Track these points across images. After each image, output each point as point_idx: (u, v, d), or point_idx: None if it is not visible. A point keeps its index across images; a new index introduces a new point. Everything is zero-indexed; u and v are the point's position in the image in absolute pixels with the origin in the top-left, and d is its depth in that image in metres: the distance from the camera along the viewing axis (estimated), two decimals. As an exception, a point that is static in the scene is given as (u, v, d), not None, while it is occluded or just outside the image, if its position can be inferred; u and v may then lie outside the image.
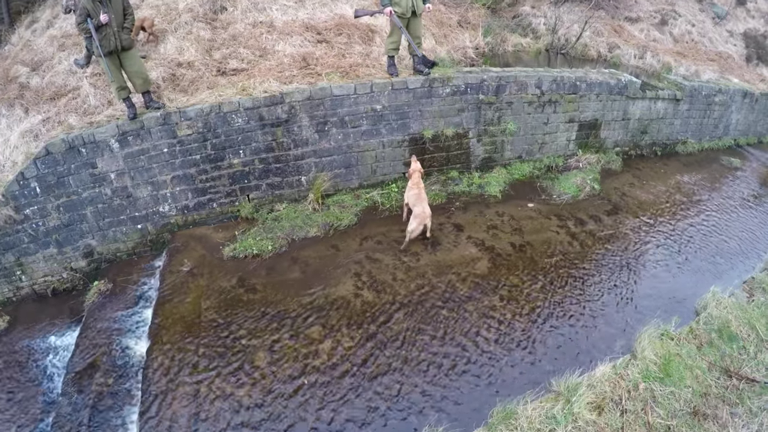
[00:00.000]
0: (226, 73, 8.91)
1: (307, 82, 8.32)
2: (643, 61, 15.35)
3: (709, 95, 13.39)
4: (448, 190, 9.24)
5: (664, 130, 12.51)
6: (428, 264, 7.41)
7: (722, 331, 3.96)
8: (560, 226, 8.69)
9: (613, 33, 17.16)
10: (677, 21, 20.62)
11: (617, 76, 10.78)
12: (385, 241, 7.90)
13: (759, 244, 9.12)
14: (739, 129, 15.89)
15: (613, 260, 7.98)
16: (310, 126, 8.20)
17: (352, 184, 8.95)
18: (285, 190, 8.56)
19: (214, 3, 10.77)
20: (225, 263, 7.45)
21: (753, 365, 3.68)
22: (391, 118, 8.65)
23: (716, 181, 12.06)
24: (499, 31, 14.70)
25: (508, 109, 9.48)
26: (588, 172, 10.36)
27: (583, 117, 10.43)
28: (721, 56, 19.82)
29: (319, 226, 8.13)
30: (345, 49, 10.00)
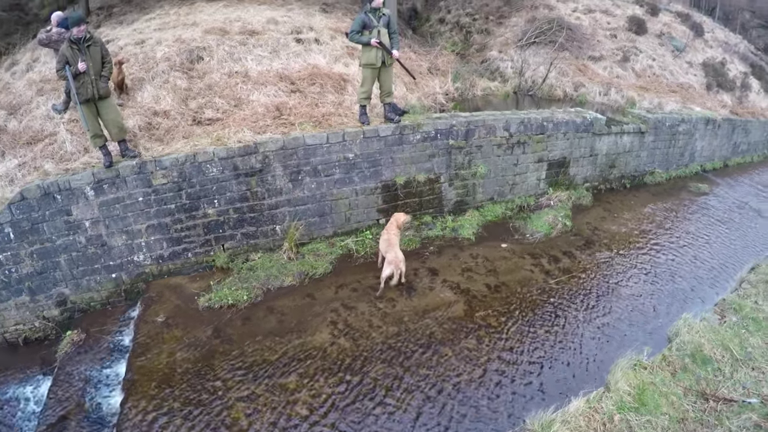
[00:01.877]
0: (201, 123, 9.01)
1: (281, 132, 8.43)
2: (608, 98, 15.80)
3: (673, 125, 13.75)
4: (422, 235, 9.33)
5: (631, 162, 12.80)
6: (404, 309, 7.43)
7: (695, 356, 4.02)
8: (534, 265, 8.81)
9: (578, 72, 17.62)
10: (639, 57, 21.28)
11: (583, 114, 11.07)
12: (360, 288, 7.91)
13: (729, 266, 9.31)
14: (704, 155, 16.29)
15: (587, 295, 8.11)
16: (283, 175, 8.28)
17: (327, 232, 9.00)
18: (260, 240, 8.57)
19: (191, 53, 10.94)
20: (200, 314, 7.38)
21: (729, 385, 3.75)
22: (364, 165, 8.76)
23: (685, 208, 12.36)
24: (468, 76, 15.03)
25: (477, 153, 9.66)
26: (559, 210, 10.54)
27: (552, 156, 10.67)
28: (683, 87, 20.46)
29: (295, 275, 8.14)
30: (318, 98, 10.18)
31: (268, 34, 12.48)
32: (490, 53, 18.97)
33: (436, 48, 17.29)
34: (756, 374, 3.87)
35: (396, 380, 6.18)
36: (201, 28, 12.28)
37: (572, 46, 19.42)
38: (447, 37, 22.07)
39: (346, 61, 12.32)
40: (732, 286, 8.13)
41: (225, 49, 11.32)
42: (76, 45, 6.82)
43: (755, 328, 4.53)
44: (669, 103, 16.14)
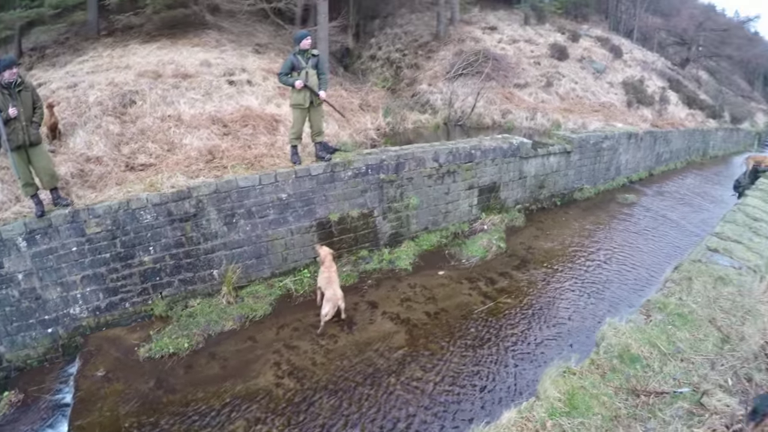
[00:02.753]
0: (134, 169, 8.91)
1: (214, 176, 8.43)
2: (534, 122, 16.45)
3: (597, 143, 14.40)
4: (360, 270, 9.42)
5: (560, 181, 13.32)
6: (347, 344, 7.47)
7: (623, 356, 4.10)
8: (472, 288, 9.03)
9: (504, 100, 18.27)
10: (562, 81, 22.27)
11: (509, 139, 11.52)
12: (301, 327, 7.90)
13: (655, 269, 9.80)
14: (629, 167, 17.06)
15: (525, 312, 8.38)
16: (218, 219, 8.25)
17: (265, 274, 8.97)
18: (198, 285, 8.46)
19: (124, 96, 10.86)
20: (141, 365, 7.19)
21: (660, 379, 3.85)
22: (297, 205, 8.84)
23: (615, 218, 12.95)
24: (399, 111, 15.39)
25: (409, 185, 9.92)
26: (493, 233, 10.83)
27: (482, 182, 11.04)
28: (605, 106, 21.48)
29: (235, 319, 8.06)
30: (250, 140, 10.24)
31: (201, 77, 12.53)
32: (420, 87, 19.49)
33: (367, 84, 17.69)
34: (685, 365, 4.03)
35: (343, 417, 6.20)
36: (134, 71, 12.23)
37: (498, 75, 20.15)
38: (378, 73, 22.57)
39: (278, 101, 12.46)
40: (657, 287, 8.64)
41: (158, 93, 11.29)
42: (7, 90, 6.59)
43: (681, 322, 4.70)
44: (592, 122, 16.92)
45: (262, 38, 17.79)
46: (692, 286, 5.62)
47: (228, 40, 16.11)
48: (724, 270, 6.15)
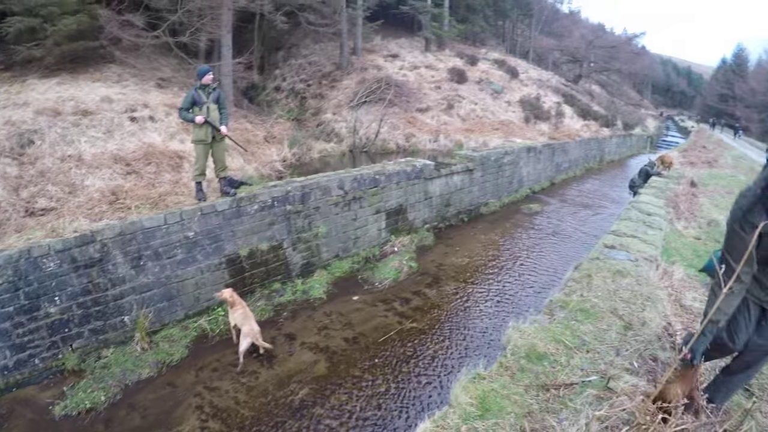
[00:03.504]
0: (35, 214, 8.59)
1: (118, 218, 8.21)
2: (437, 144, 17.09)
3: (498, 159, 15.12)
4: (274, 303, 9.40)
5: (465, 198, 13.84)
6: (268, 380, 7.40)
7: (530, 355, 4.17)
8: (387, 310, 9.21)
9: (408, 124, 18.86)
10: (462, 103, 23.29)
11: (412, 162, 11.94)
12: (220, 367, 7.76)
13: (560, 271, 10.33)
14: (531, 179, 17.95)
15: (440, 326, 8.65)
16: (125, 262, 8.01)
17: (178, 316, 8.76)
18: (109, 334, 8.14)
19: (21, 136, 10.39)
20: (58, 424, 6.81)
21: (568, 372, 3.94)
22: (205, 242, 8.73)
23: (521, 228, 13.59)
24: (305, 141, 15.57)
25: (316, 214, 10.04)
26: (404, 254, 11.11)
27: (389, 206, 11.34)
28: (504, 123, 22.61)
29: (151, 366, 7.81)
30: (154, 178, 10.09)
31: (102, 114, 12.22)
32: (325, 116, 19.83)
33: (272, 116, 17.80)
34: (591, 356, 4.17)
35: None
36: (32, 108, 11.72)
37: (401, 101, 20.80)
38: (283, 105, 22.76)
39: (182, 137, 12.33)
40: (560, 287, 9.16)
41: (57, 132, 10.92)
42: None
43: (584, 317, 4.85)
44: (493, 139, 17.77)
45: (166, 72, 17.61)
46: (592, 282, 5.81)
47: (130, 74, 15.82)
48: (621, 264, 6.44)
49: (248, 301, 8.43)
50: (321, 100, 22.50)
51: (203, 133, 8.39)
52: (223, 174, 9.01)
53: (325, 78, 24.78)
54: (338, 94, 22.40)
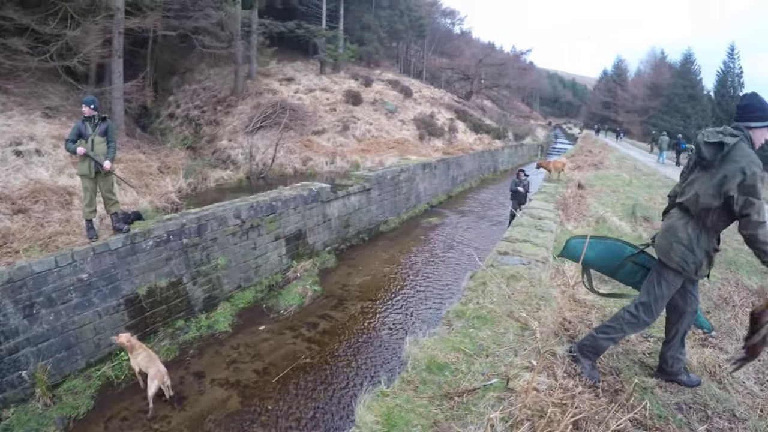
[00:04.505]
0: None
1: (5, 263, 7.65)
2: (334, 165, 17.38)
3: (394, 177, 15.59)
4: (179, 341, 9.08)
5: (364, 218, 14.15)
6: (181, 423, 7.18)
7: (431, 367, 4.18)
8: (295, 337, 9.22)
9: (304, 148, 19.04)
10: (357, 124, 23.77)
11: (309, 186, 12.06)
12: (130, 415, 7.41)
13: (460, 280, 10.33)
14: (428, 194, 18.60)
15: (348, 348, 8.79)
16: (16, 312, 7.52)
17: (79, 365, 8.26)
18: (8, 392, 7.59)
19: None
20: None
21: (470, 377, 3.98)
22: (101, 284, 8.34)
23: (421, 242, 14.09)
24: (200, 170, 15.37)
25: (214, 246, 9.91)
26: (307, 279, 11.17)
27: (288, 231, 11.37)
28: (399, 142, 23.28)
29: (57, 422, 7.33)
30: (43, 217, 9.62)
31: None
32: (221, 143, 19.62)
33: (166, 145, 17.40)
34: (491, 360, 4.24)
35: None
36: None
37: (296, 124, 20.97)
38: (178, 132, 22.27)
39: (71, 171, 11.71)
40: (457, 297, 9.51)
41: None
42: None
43: (481, 323, 4.89)
44: (389, 158, 18.30)
45: (53, 100, 16.62)
46: (487, 288, 5.85)
47: (15, 103, 14.89)
48: (515, 268, 6.54)
49: (152, 342, 8.18)
50: (216, 127, 22.21)
51: (86, 167, 7.90)
52: (114, 209, 8.52)
53: (220, 104, 24.47)
54: (234, 120, 22.20)
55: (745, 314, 5.97)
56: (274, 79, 28.00)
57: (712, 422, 3.72)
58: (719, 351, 4.86)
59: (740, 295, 6.69)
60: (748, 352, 3.49)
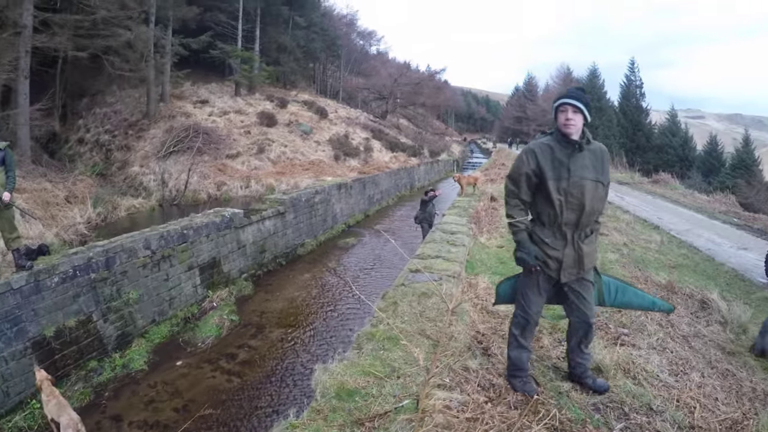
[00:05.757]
0: None
1: None
2: (249, 189, 17.28)
3: (309, 199, 15.71)
4: (93, 383, 8.51)
5: (280, 242, 14.11)
6: None
7: (341, 394, 4.07)
8: (214, 370, 8.91)
9: (218, 172, 18.80)
10: (272, 146, 23.73)
11: (221, 213, 11.83)
12: None
13: (377, 300, 10.73)
14: (345, 214, 18.83)
15: (268, 378, 8.60)
16: None
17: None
18: None
19: None
20: None
21: (381, 401, 3.91)
22: (4, 327, 7.77)
23: (339, 264, 14.24)
24: (110, 198, 14.88)
25: (124, 279, 9.47)
26: (224, 308, 10.90)
27: (202, 260, 11.07)
28: (314, 163, 23.45)
29: None
30: (-60, 257, 9.01)
31: None
32: (132, 169, 19.05)
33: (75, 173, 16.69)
34: (402, 381, 4.19)
35: None
36: None
37: (210, 148, 20.70)
38: (87, 158, 21.40)
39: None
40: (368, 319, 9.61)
41: None
42: None
43: (392, 344, 4.83)
44: (304, 180, 18.41)
45: None
46: (398, 308, 5.80)
47: None
48: (426, 285, 6.50)
49: (64, 387, 7.72)
50: (128, 152, 21.44)
51: None
52: (15, 245, 7.95)
53: (131, 127, 23.62)
54: (146, 145, 21.57)
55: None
56: (188, 101, 27.45)
57: (630, 418, 3.80)
58: (632, 348, 4.99)
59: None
60: None
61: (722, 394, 4.28)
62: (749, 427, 3.81)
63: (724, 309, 6.37)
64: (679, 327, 5.82)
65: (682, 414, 3.87)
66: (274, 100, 31.95)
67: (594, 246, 3.79)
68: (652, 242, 10.86)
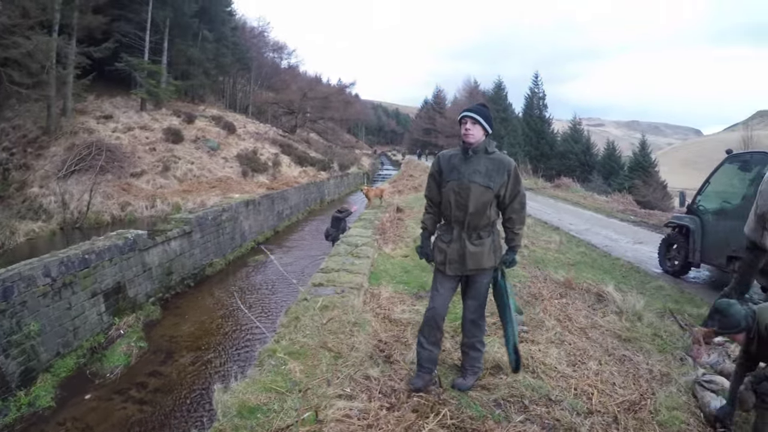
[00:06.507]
0: None
1: None
2: (155, 209, 16.82)
3: (216, 217, 15.50)
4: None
5: (187, 263, 13.78)
6: None
7: (242, 412, 3.96)
8: (125, 401, 8.49)
9: (122, 192, 18.13)
10: (179, 164, 23.14)
11: (124, 235, 11.29)
12: None
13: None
14: (254, 231, 18.76)
15: (178, 405, 8.29)
16: None
17: None
18: None
19: None
20: None
21: (283, 416, 3.85)
22: None
23: (248, 282, 14.24)
24: (8, 223, 14.02)
25: (24, 310, 8.80)
26: (131, 335, 10.43)
27: (106, 286, 10.48)
28: (222, 180, 23.17)
29: None
30: None
31: None
32: (32, 190, 17.98)
33: (-33, 198, 15.66)
34: (304, 394, 4.15)
35: None
36: None
37: (114, 167, 19.92)
38: (-19, 180, 19.98)
39: None
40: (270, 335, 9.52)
41: None
42: None
43: (294, 358, 4.78)
44: (211, 198, 18.20)
45: None
46: (301, 323, 5.71)
47: None
48: (328, 298, 6.47)
49: None
50: (26, 172, 19.98)
51: None
52: None
53: (30, 145, 22.07)
54: (46, 164, 20.29)
55: (553, 306, 6.56)
56: (91, 116, 26.12)
57: (530, 410, 3.90)
58: (531, 344, 5.15)
59: (549, 289, 7.38)
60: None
61: (620, 379, 4.53)
62: (647, 406, 4.06)
63: (618, 300, 6.74)
64: (576, 320, 6.09)
65: (580, 401, 4.06)
66: (181, 115, 30.98)
67: (483, 249, 3.98)
68: (552, 243, 11.42)
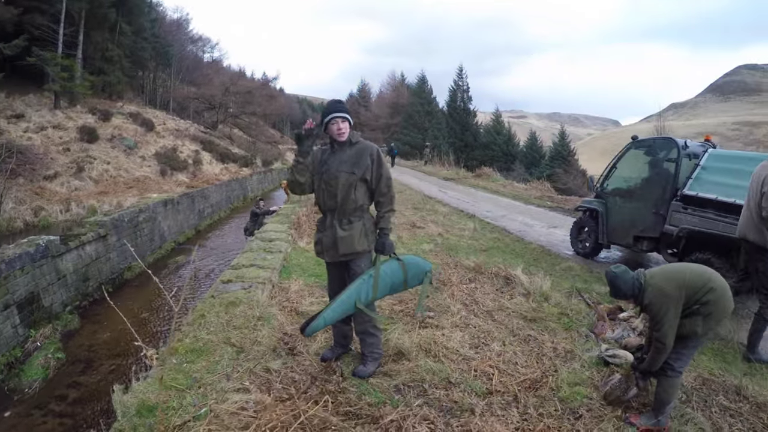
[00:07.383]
0: None
1: None
2: (70, 213, 16.09)
3: (133, 218, 15.01)
4: None
5: (104, 268, 13.26)
6: None
7: (141, 411, 3.89)
8: (45, 415, 8.08)
9: (35, 196, 17.20)
10: (94, 164, 22.16)
11: (35, 241, 10.71)
12: None
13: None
14: (174, 231, 18.36)
15: (98, 416, 7.94)
16: None
17: None
18: None
19: None
20: None
21: (181, 412, 3.81)
22: None
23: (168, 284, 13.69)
24: None
25: None
26: (49, 347, 9.93)
27: (18, 296, 9.85)
28: (139, 180, 22.46)
29: None
30: None
31: None
32: (-64, 199, 16.82)
33: None
34: (203, 390, 4.12)
35: None
36: None
37: (26, 169, 18.86)
38: None
39: None
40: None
41: None
42: None
43: (196, 356, 4.73)
44: (128, 199, 17.63)
45: None
46: (206, 320, 5.62)
47: None
48: (235, 294, 6.35)
49: None
50: (-69, 177, 18.71)
51: None
52: None
53: (-67, 149, 20.57)
54: (-48, 168, 18.95)
55: (461, 291, 6.67)
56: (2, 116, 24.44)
57: (428, 394, 3.97)
58: (435, 329, 5.18)
59: (458, 275, 7.49)
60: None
61: (523, 358, 4.62)
62: (548, 383, 4.16)
63: (526, 282, 6.90)
64: (483, 303, 6.18)
65: (480, 382, 4.16)
66: (96, 112, 29.36)
67: (353, 233, 4.08)
68: (466, 230, 11.72)
